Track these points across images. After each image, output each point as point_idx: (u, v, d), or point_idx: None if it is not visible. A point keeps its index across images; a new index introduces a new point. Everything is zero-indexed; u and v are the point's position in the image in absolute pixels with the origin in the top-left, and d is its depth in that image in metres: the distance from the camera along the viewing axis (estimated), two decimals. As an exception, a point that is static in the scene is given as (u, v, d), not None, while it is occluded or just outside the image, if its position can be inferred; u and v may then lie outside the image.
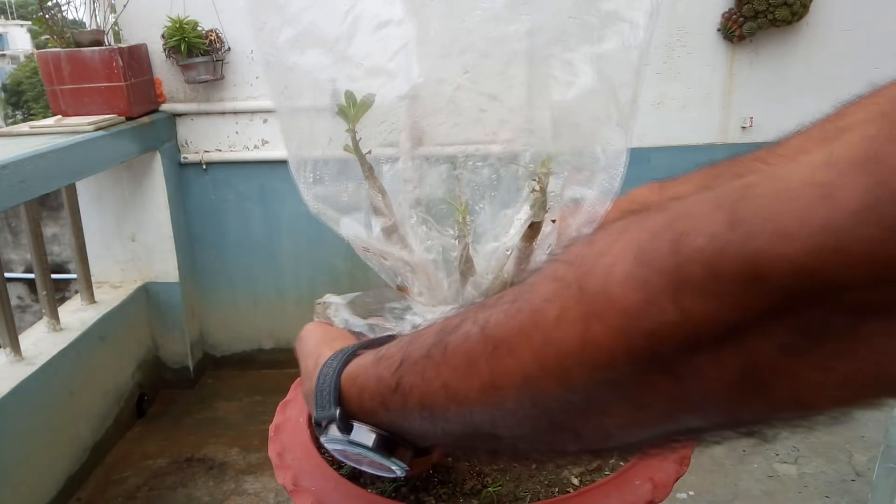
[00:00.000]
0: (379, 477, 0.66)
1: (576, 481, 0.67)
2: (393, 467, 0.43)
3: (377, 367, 0.40)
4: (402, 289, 0.59)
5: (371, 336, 0.55)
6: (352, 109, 0.55)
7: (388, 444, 0.42)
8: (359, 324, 0.59)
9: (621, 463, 0.69)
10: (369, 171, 0.57)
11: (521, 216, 0.57)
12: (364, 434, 0.41)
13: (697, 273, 0.23)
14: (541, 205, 0.55)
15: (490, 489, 0.62)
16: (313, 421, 0.44)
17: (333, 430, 0.42)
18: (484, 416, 0.34)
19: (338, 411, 0.41)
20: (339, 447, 0.43)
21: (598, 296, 0.26)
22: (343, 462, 0.45)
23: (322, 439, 0.44)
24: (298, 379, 0.75)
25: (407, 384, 0.37)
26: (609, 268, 0.26)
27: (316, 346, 0.50)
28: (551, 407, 0.30)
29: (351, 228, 0.58)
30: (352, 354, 0.44)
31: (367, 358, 0.42)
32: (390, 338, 0.46)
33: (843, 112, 0.45)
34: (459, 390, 0.34)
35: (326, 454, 0.66)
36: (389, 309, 0.60)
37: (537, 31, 0.52)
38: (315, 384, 0.43)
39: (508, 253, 0.57)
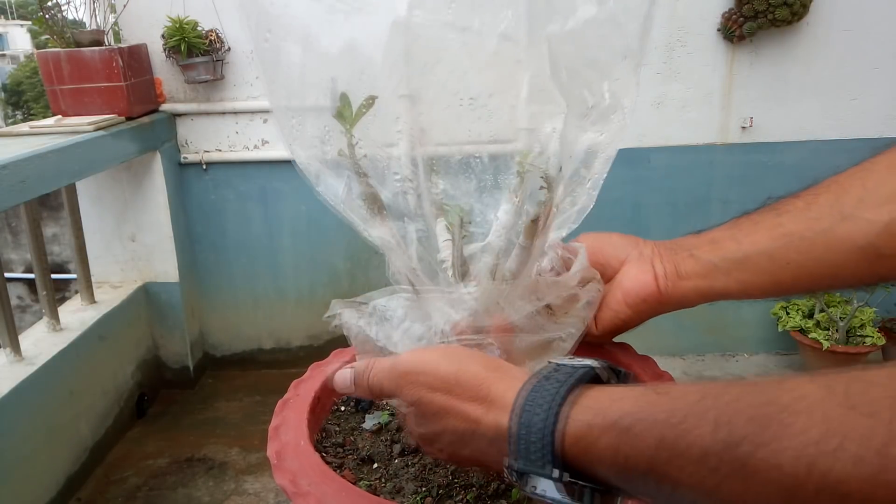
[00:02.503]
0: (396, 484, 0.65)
1: None
2: None
3: (611, 439, 0.36)
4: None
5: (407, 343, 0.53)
6: (349, 112, 0.55)
7: (603, 499, 0.40)
8: (362, 327, 0.58)
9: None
10: (363, 177, 0.57)
11: (501, 215, 0.56)
12: (585, 491, 0.39)
13: None
14: (546, 200, 0.55)
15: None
16: (508, 467, 0.41)
17: (543, 484, 0.40)
18: None
19: (558, 473, 0.38)
20: (545, 498, 0.40)
21: None
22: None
23: (524, 490, 0.41)
24: (297, 380, 0.74)
25: (667, 476, 0.34)
26: None
27: (467, 378, 0.45)
28: None
29: (329, 189, 0.56)
30: (560, 404, 0.40)
31: (587, 417, 0.38)
32: (588, 367, 0.43)
33: None
34: None
35: (328, 457, 0.66)
36: (381, 311, 0.59)
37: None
38: (511, 430, 0.40)
39: (498, 251, 0.57)
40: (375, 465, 0.67)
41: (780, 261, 0.52)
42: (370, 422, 0.74)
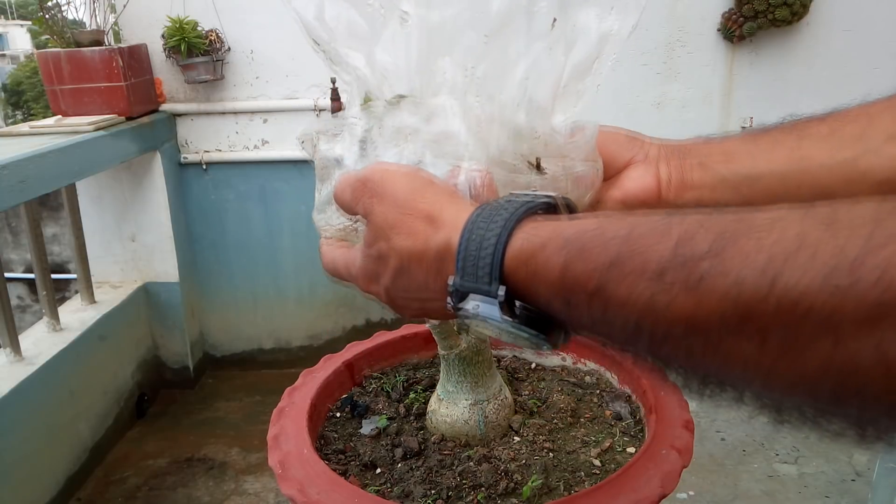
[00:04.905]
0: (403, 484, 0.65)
1: (597, 462, 0.67)
2: (542, 347, 0.39)
3: (563, 256, 0.34)
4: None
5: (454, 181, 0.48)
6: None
7: (545, 327, 0.38)
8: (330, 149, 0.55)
9: (630, 450, 0.69)
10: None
11: None
12: (524, 318, 0.37)
13: None
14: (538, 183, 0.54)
15: (531, 484, 0.62)
16: (450, 287, 0.39)
17: (483, 307, 0.38)
18: (727, 364, 0.28)
19: (503, 291, 0.36)
20: (481, 321, 0.39)
21: None
22: (466, 325, 0.40)
23: (458, 310, 0.39)
24: (290, 387, 0.73)
25: (615, 295, 0.31)
26: None
27: (422, 197, 0.43)
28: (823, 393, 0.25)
29: (300, 6, 0.52)
30: (515, 223, 0.37)
31: (541, 235, 0.36)
32: (548, 199, 0.40)
33: None
34: (714, 339, 0.27)
35: (331, 464, 0.66)
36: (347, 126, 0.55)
37: None
38: (462, 245, 0.38)
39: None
40: (379, 471, 0.67)
41: (791, 184, 0.50)
42: (367, 427, 0.74)
